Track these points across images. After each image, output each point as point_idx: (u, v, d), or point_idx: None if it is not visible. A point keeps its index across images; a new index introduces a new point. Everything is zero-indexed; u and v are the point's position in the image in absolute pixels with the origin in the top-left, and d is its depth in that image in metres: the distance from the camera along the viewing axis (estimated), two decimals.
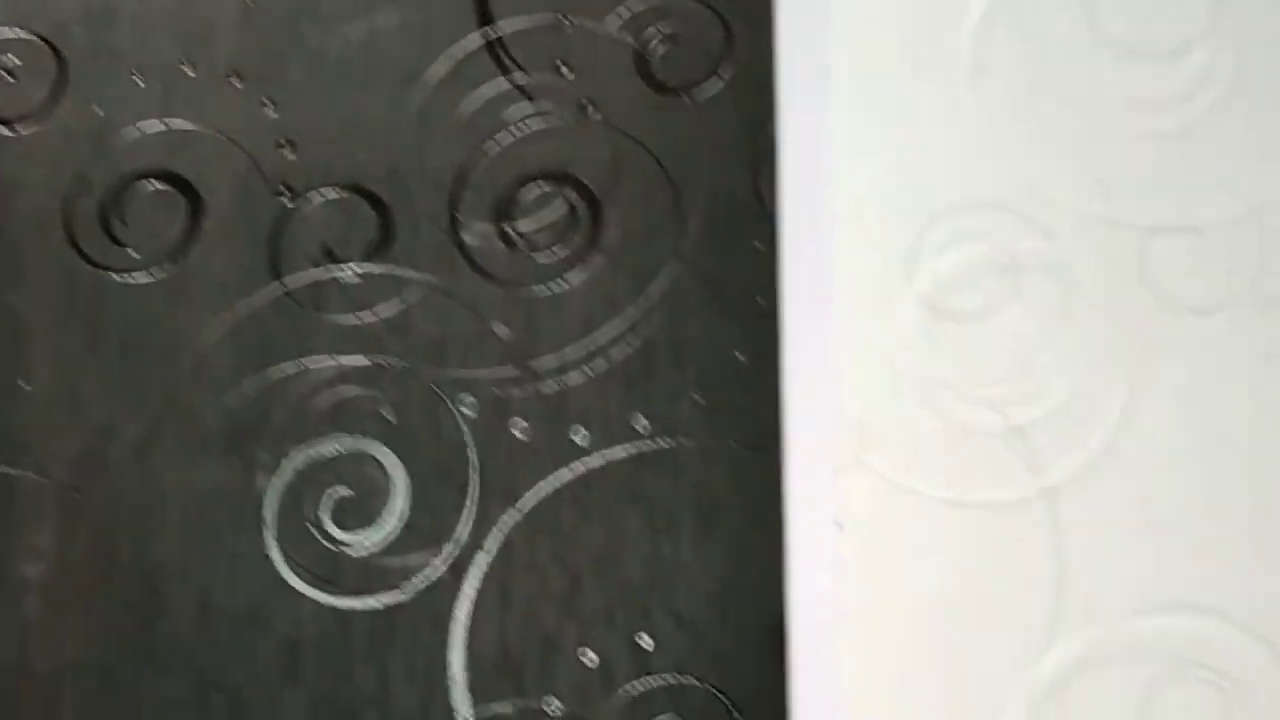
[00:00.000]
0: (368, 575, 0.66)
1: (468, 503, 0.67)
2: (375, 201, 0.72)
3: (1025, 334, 0.64)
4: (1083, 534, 0.61)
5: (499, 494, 0.66)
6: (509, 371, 0.68)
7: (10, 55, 0.71)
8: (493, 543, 0.65)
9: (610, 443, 0.66)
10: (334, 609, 0.66)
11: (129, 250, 0.70)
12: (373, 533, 0.66)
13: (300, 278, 0.70)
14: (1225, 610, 0.60)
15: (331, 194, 0.71)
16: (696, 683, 0.63)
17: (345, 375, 0.68)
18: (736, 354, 0.67)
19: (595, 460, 0.67)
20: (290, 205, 0.70)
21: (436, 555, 0.66)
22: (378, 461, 0.68)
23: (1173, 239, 0.65)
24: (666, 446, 0.66)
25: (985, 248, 0.65)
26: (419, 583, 0.65)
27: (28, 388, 0.68)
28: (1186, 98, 0.67)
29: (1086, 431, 0.62)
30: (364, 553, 0.66)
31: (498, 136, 0.73)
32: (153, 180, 0.71)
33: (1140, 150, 0.66)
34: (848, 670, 0.60)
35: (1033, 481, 0.62)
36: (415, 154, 0.72)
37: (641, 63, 0.72)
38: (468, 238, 0.71)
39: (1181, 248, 0.65)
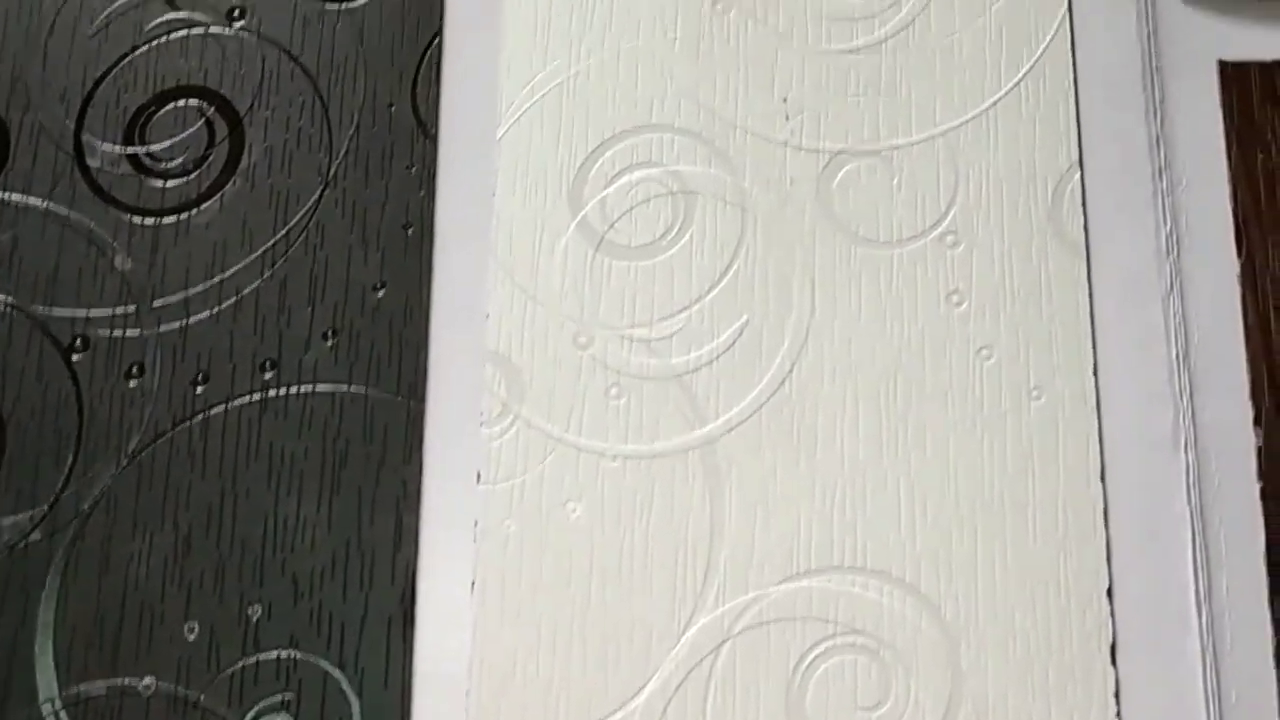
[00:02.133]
0: None
1: (70, 456, 0.56)
2: None
3: (695, 269, 0.56)
4: (742, 488, 0.53)
5: (106, 447, 0.56)
6: (126, 310, 0.58)
7: None
8: (93, 502, 0.55)
9: (233, 389, 0.57)
10: None
11: None
12: None
13: None
14: (884, 570, 0.51)
15: None
16: (311, 658, 0.54)
17: None
18: (378, 290, 0.58)
19: (215, 409, 0.57)
20: None
21: (27, 515, 0.55)
22: None
23: (858, 165, 0.56)
24: (294, 392, 0.56)
25: (656, 173, 0.57)
26: (3, 546, 0.55)
27: None
28: (883, 9, 0.58)
29: (751, 377, 0.54)
30: None
31: (137, 48, 0.62)
32: None
33: (829, 67, 0.58)
34: (482, 641, 0.51)
35: (693, 432, 0.53)
36: (40, 63, 0.62)
37: None
38: (92, 161, 0.61)
39: (867, 175, 0.56)
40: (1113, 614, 0.52)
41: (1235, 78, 0.58)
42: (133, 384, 0.59)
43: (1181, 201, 0.56)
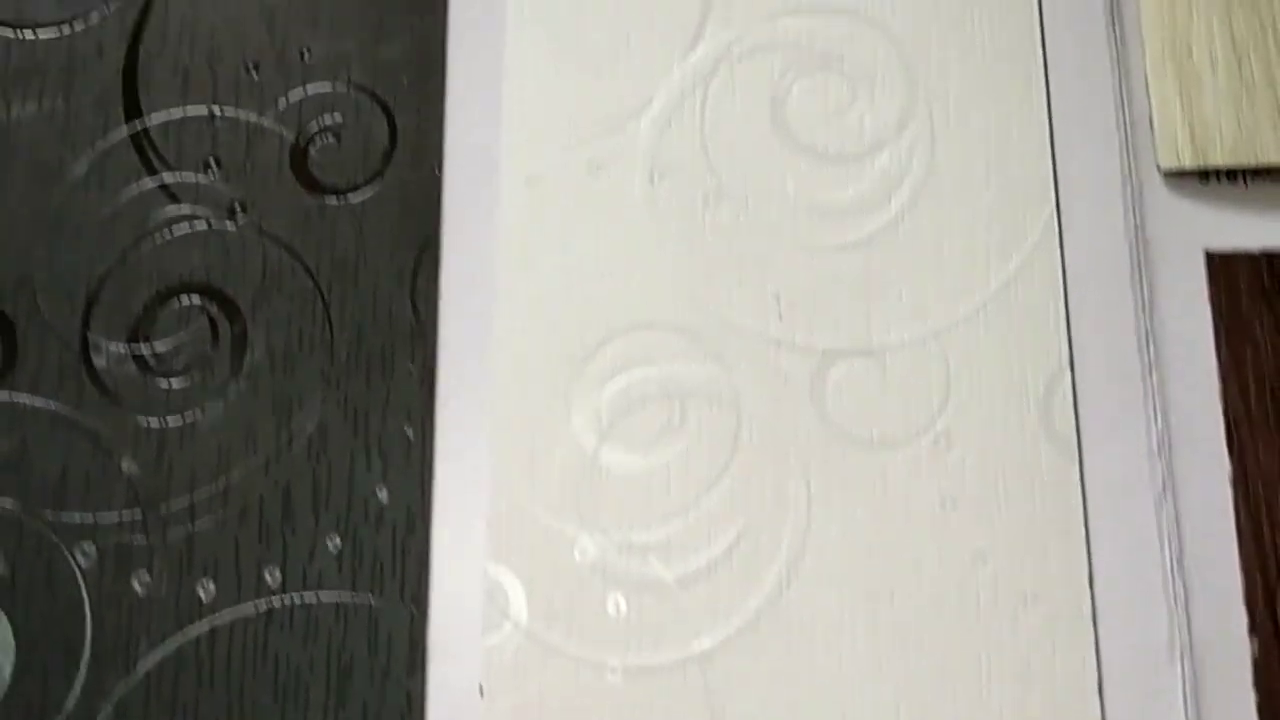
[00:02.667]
0: None
1: (79, 669, 0.57)
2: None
3: (690, 472, 0.56)
4: (736, 703, 0.53)
5: (115, 658, 0.57)
6: (134, 516, 0.59)
7: None
8: (104, 716, 0.56)
9: (239, 598, 0.58)
10: None
11: None
12: None
13: None
14: None
15: None
16: None
17: None
18: (379, 494, 0.59)
19: (222, 618, 0.58)
20: None
21: None
22: None
23: (850, 364, 0.57)
24: (300, 603, 0.57)
25: (652, 372, 0.58)
26: None
27: None
28: (874, 205, 0.59)
29: (748, 588, 0.55)
30: None
31: (140, 243, 0.64)
32: None
33: (821, 263, 0.59)
34: None
35: (692, 645, 0.54)
36: (46, 260, 0.63)
37: (298, 159, 0.64)
38: (98, 360, 0.62)
39: (860, 374, 0.57)
40: None
41: (1222, 268, 0.58)
42: (139, 590, 0.60)
43: (1172, 400, 0.57)
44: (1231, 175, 0.60)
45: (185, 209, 0.65)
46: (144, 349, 0.64)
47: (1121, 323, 0.58)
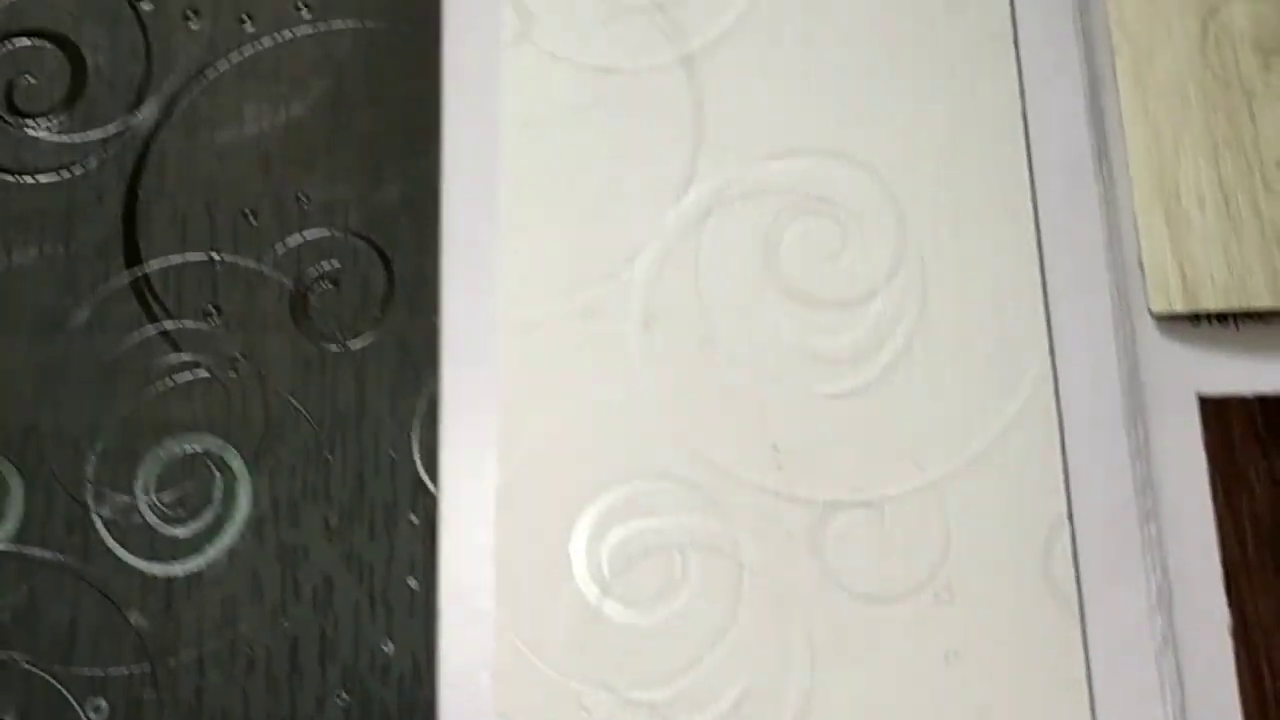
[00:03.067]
0: None
1: None
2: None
3: (694, 627, 0.57)
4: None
5: None
6: (143, 668, 0.60)
7: None
8: None
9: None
10: None
11: None
12: None
13: None
14: None
15: None
16: None
17: None
18: (384, 647, 0.60)
19: None
20: None
21: None
22: None
23: (851, 516, 0.58)
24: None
25: (652, 525, 0.58)
26: None
27: None
28: (869, 351, 0.60)
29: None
30: None
31: (143, 391, 0.64)
32: None
33: (819, 411, 0.60)
34: None
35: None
36: (51, 411, 0.64)
37: (298, 306, 0.65)
38: (103, 511, 0.62)
39: (860, 526, 0.58)
40: None
41: (1215, 413, 0.59)
42: None
43: (1170, 550, 0.58)
44: (1223, 318, 0.60)
45: (187, 357, 0.66)
46: (148, 499, 0.64)
47: (1118, 471, 0.59)
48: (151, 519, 0.64)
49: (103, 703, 0.61)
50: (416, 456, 0.64)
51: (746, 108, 0.64)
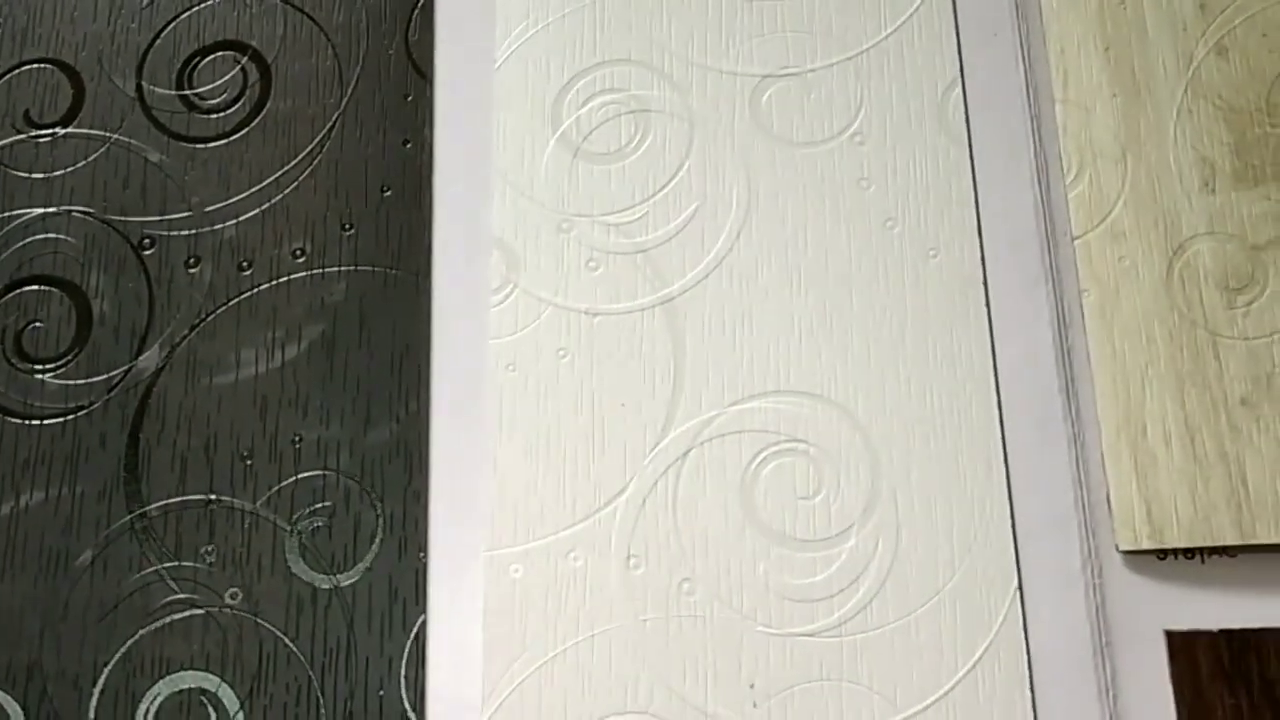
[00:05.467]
0: None
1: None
2: None
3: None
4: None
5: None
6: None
7: None
8: None
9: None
10: None
11: None
12: None
13: None
14: None
15: None
16: None
17: None
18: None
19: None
20: None
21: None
22: None
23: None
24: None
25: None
26: None
27: None
28: (842, 591, 0.62)
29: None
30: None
31: (141, 630, 0.67)
32: None
33: (793, 651, 0.61)
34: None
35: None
36: (56, 651, 0.66)
37: (290, 547, 0.68)
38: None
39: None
40: None
41: (1182, 649, 0.60)
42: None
43: None
44: (1189, 553, 0.62)
45: (183, 596, 0.68)
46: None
47: (1086, 707, 0.60)
48: None
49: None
50: (403, 693, 0.65)
51: (725, 349, 0.67)
